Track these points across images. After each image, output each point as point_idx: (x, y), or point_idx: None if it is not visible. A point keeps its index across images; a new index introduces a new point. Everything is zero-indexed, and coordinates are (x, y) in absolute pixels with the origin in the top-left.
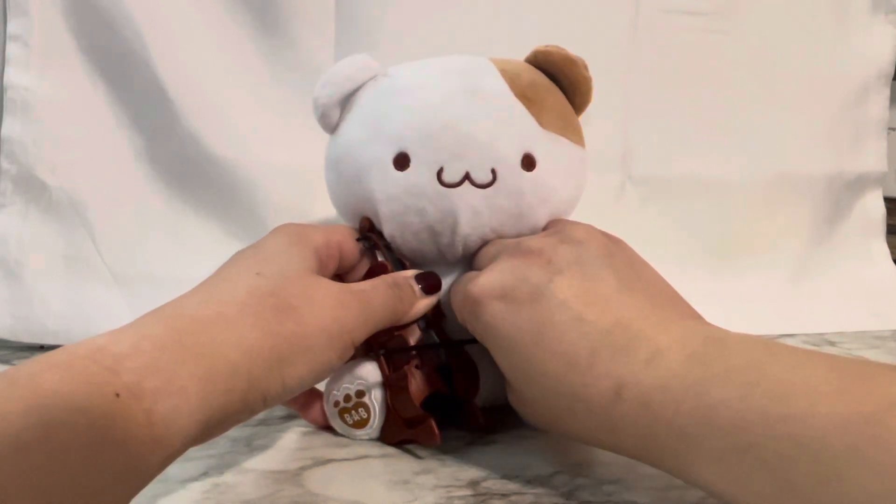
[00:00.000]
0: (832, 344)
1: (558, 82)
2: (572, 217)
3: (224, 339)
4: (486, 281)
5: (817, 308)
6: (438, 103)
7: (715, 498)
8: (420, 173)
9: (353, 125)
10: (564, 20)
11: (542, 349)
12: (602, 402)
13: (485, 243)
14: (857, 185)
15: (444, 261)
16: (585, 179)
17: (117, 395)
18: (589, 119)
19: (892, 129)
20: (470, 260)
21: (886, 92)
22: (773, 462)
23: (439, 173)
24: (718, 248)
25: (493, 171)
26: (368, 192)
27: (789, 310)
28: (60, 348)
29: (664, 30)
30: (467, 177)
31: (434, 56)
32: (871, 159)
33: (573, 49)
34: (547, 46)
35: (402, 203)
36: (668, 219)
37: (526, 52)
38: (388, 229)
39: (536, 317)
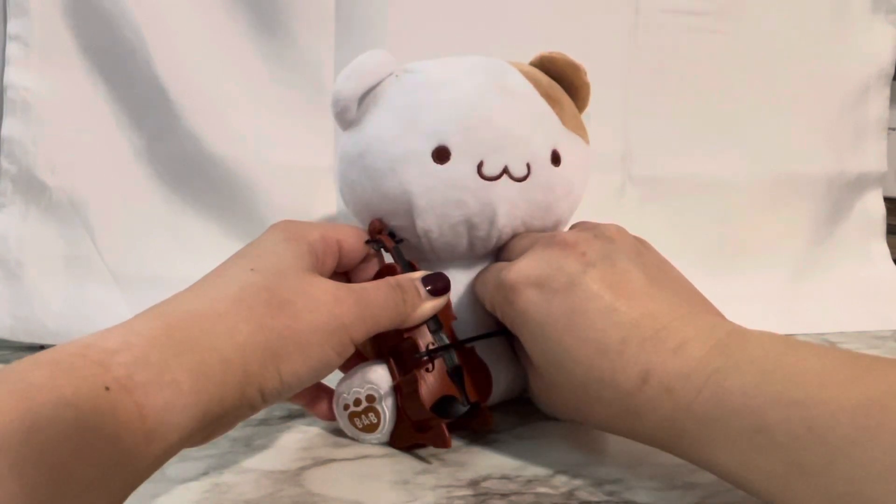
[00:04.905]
0: (832, 344)
1: (560, 85)
2: (574, 215)
3: (216, 333)
4: (523, 268)
5: (817, 308)
6: (475, 98)
7: (729, 481)
8: (461, 166)
9: (383, 119)
10: (565, 20)
11: (574, 336)
12: (629, 387)
13: (513, 236)
14: (857, 185)
15: (472, 255)
16: (590, 176)
17: (107, 388)
18: (589, 118)
19: (892, 129)
20: (493, 256)
21: (886, 92)
22: (783, 443)
23: (480, 166)
24: (718, 248)
25: (528, 166)
26: (402, 186)
27: (789, 310)
28: (50, 348)
29: (664, 30)
30: (506, 170)
31: (435, 56)
32: (871, 159)
33: (573, 48)
34: (551, 52)
35: (441, 195)
36: (668, 219)
37: (527, 52)
38: (422, 223)
39: (570, 305)
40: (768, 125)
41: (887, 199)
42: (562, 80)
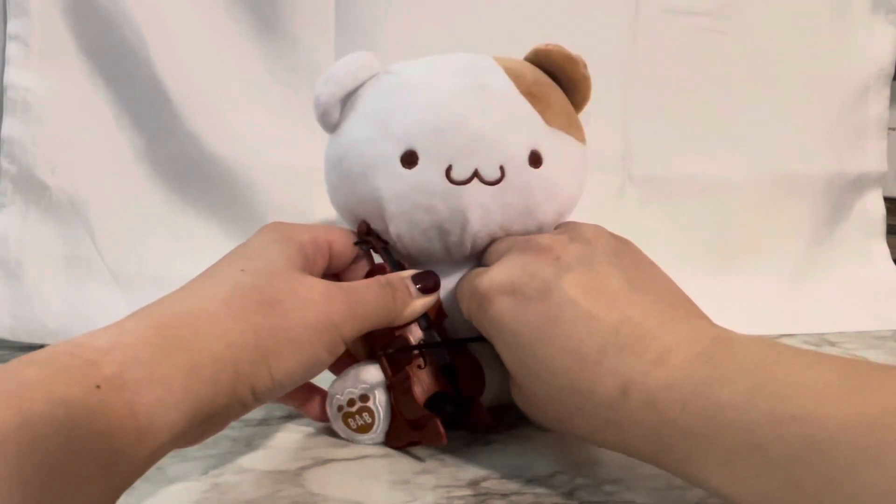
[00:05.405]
0: (832, 344)
1: (558, 81)
2: (572, 216)
3: (207, 332)
4: (495, 276)
5: (817, 308)
6: (446, 100)
7: (720, 498)
8: (429, 171)
9: (357, 123)
10: (564, 19)
11: (550, 345)
12: (608, 399)
13: (493, 241)
14: (857, 185)
15: (450, 259)
16: (587, 177)
17: (98, 386)
18: (588, 118)
19: (892, 129)
20: (477, 258)
21: (886, 92)
22: (780, 462)
23: (448, 170)
24: (718, 248)
25: (502, 168)
26: (374, 191)
27: (789, 310)
28: (43, 347)
29: (664, 30)
30: (476, 174)
31: (435, 55)
32: (871, 159)
33: (573, 48)
34: (547, 45)
35: (410, 201)
36: (668, 219)
37: (526, 51)
38: (394, 228)
39: (545, 313)
40: (768, 125)
41: (887, 199)
42: (558, 74)
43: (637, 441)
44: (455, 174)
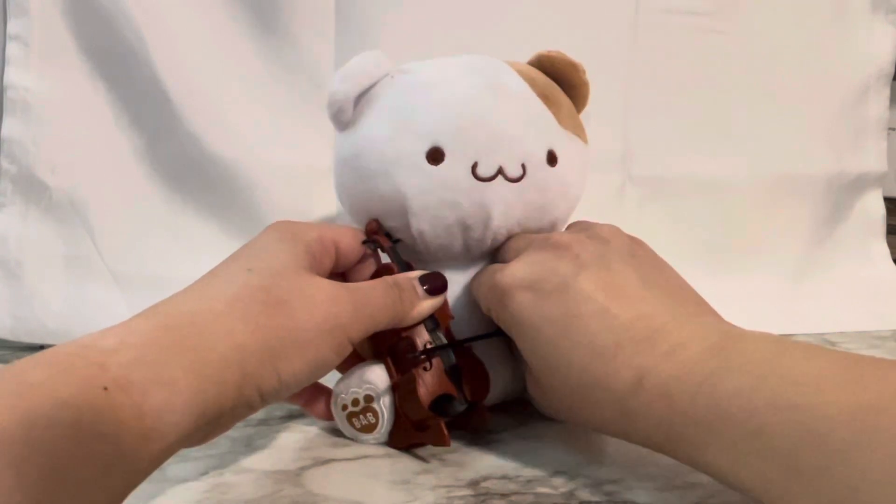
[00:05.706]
0: (832, 344)
1: (559, 84)
2: (573, 215)
3: (213, 333)
4: (516, 271)
5: (817, 308)
6: (468, 98)
7: (726, 484)
8: (455, 167)
9: (376, 120)
10: (564, 20)
11: (568, 339)
12: (623, 391)
13: (509, 238)
14: (857, 185)
15: (467, 255)
16: (588, 177)
17: (105, 388)
18: (588, 118)
19: (892, 129)
20: (491, 256)
21: (886, 92)
22: (781, 448)
23: (474, 167)
24: (718, 248)
25: (523, 166)
26: (395, 188)
27: (789, 310)
28: (48, 348)
29: (664, 30)
30: (501, 171)
31: (435, 56)
32: (871, 159)
33: (573, 48)
34: (549, 51)
35: (435, 197)
36: (668, 219)
37: (526, 52)
38: (416, 225)
39: (563, 308)
40: (768, 125)
41: (887, 199)
42: (560, 79)
43: (649, 430)
44: (480, 171)
